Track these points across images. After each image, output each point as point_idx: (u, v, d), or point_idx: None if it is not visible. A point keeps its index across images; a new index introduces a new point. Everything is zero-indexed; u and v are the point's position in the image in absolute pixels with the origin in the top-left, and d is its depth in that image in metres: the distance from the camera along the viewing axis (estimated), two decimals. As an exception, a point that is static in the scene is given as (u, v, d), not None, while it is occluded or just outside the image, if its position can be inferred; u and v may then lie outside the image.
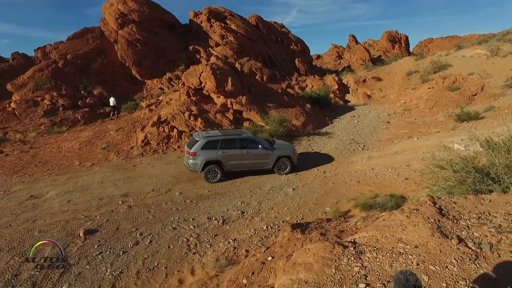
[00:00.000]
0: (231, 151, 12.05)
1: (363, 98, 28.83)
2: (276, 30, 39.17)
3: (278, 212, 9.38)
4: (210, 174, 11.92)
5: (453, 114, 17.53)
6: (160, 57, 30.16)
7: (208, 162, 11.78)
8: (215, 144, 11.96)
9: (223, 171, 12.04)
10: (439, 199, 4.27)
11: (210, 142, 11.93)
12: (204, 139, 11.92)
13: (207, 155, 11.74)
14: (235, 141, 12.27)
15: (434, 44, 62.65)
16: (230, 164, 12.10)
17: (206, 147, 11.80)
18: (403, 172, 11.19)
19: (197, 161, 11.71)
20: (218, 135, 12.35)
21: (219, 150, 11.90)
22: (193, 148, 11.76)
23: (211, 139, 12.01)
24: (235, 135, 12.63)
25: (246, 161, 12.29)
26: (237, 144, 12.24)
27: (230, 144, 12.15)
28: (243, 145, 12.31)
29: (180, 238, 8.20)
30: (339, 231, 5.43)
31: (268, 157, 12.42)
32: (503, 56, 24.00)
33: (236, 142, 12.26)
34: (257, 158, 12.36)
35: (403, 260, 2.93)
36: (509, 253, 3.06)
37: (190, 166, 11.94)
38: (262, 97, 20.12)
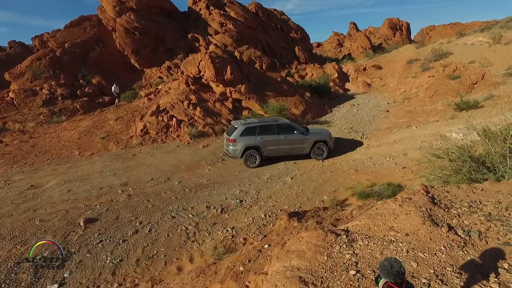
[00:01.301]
0: (269, 136, 12.42)
1: (363, 86, 28.67)
2: (275, 18, 38.71)
3: (276, 200, 9.48)
4: (250, 159, 12.34)
5: (453, 103, 17.45)
6: (159, 45, 29.90)
7: (247, 147, 12.19)
8: (254, 131, 12.34)
9: (262, 156, 12.41)
10: (432, 188, 4.33)
11: (249, 128, 12.34)
12: (243, 126, 12.36)
13: (246, 141, 12.15)
14: (272, 127, 12.64)
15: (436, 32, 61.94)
16: (269, 149, 12.48)
17: (245, 134, 12.22)
18: (401, 161, 11.25)
19: (237, 147, 12.15)
20: (255, 122, 12.80)
21: (257, 136, 12.30)
22: (233, 135, 12.20)
23: (249, 125, 12.44)
24: (272, 122, 13.04)
25: (284, 146, 12.63)
26: (274, 130, 12.60)
27: (267, 130, 12.54)
28: (280, 131, 12.64)
29: (179, 227, 8.32)
30: (335, 220, 5.51)
31: (304, 141, 12.70)
32: (505, 43, 23.74)
33: (274, 128, 12.63)
34: (294, 143, 12.68)
35: (394, 248, 3.00)
36: (496, 240, 3.13)
37: (230, 152, 12.37)
38: (261, 86, 20.04)
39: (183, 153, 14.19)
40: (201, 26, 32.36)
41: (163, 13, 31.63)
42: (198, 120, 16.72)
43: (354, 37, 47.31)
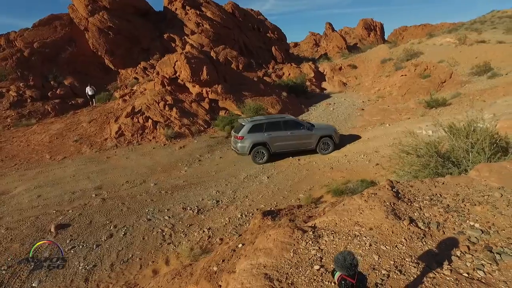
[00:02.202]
0: (276, 133, 12.64)
1: (339, 85, 29.22)
2: (252, 18, 38.79)
3: (252, 200, 9.54)
4: (258, 155, 12.55)
5: (423, 101, 18.10)
6: (134, 45, 29.33)
7: (255, 144, 12.42)
8: (261, 127, 12.56)
9: (269, 152, 12.63)
10: (397, 183, 4.50)
11: (256, 125, 12.54)
12: (250, 123, 12.57)
13: (254, 138, 12.40)
14: (279, 124, 12.87)
15: (408, 32, 63.97)
16: (276, 145, 12.72)
17: (252, 131, 12.43)
18: (374, 158, 11.56)
19: (245, 144, 12.35)
20: (262, 119, 13.08)
21: (264, 133, 12.53)
22: (241, 132, 12.41)
23: (256, 122, 12.66)
24: (279, 118, 13.39)
25: (291, 142, 12.85)
26: (281, 126, 12.81)
27: (274, 126, 12.75)
28: (287, 127, 12.85)
29: (155, 229, 8.23)
30: (308, 217, 5.61)
31: (311, 137, 12.96)
32: (469, 44, 24.88)
33: (280, 124, 12.85)
34: (301, 138, 12.90)
35: (358, 242, 3.11)
36: (452, 230, 3.31)
37: (238, 149, 12.58)
38: (238, 86, 20.05)
39: (159, 154, 14.01)
40: (177, 26, 31.97)
41: (138, 13, 31.03)
42: (174, 121, 16.55)
43: (330, 37, 48.11)
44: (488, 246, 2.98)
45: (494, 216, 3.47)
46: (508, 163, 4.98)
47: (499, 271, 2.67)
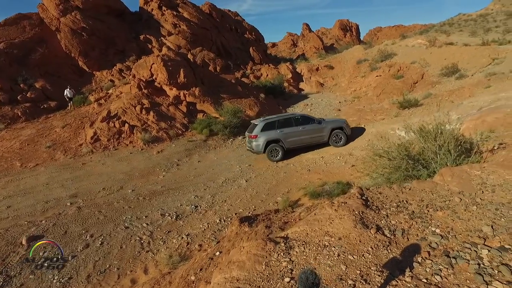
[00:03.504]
0: (288, 129, 13.05)
1: (316, 86, 29.70)
2: (230, 19, 38.76)
3: (231, 204, 9.60)
4: (273, 153, 12.90)
5: (397, 101, 18.68)
6: (109, 47, 28.69)
7: (269, 141, 12.80)
8: (273, 125, 12.99)
9: (283, 149, 12.97)
10: (367, 191, 4.69)
11: (268, 123, 12.99)
12: (262, 122, 13.03)
13: (267, 136, 12.78)
14: (290, 120, 13.28)
15: (383, 33, 65.78)
16: (289, 141, 13.06)
17: (265, 129, 12.83)
18: (350, 159, 11.87)
19: (259, 142, 12.75)
20: (274, 117, 13.53)
21: (277, 130, 12.93)
22: (254, 131, 12.85)
23: (268, 121, 13.13)
24: (289, 115, 13.85)
25: (304, 137, 13.25)
26: (292, 122, 13.22)
27: (286, 123, 13.16)
28: (298, 123, 13.26)
29: (133, 237, 8.16)
30: (283, 223, 5.76)
31: (322, 130, 13.41)
32: (439, 46, 25.88)
33: (292, 121, 13.25)
34: (313, 133, 13.32)
35: (327, 252, 3.25)
36: (416, 237, 3.51)
37: (253, 148, 12.98)
38: (216, 88, 20.04)
39: (137, 159, 13.83)
40: (153, 27, 31.52)
41: (113, 13, 30.40)
42: (151, 125, 16.36)
43: (307, 38, 48.74)
44: (446, 251, 3.19)
45: (453, 221, 3.70)
46: (468, 167, 5.28)
47: (454, 274, 2.87)
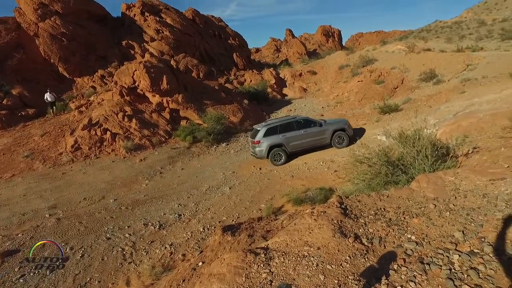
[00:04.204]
0: (290, 133, 13.19)
1: (300, 91, 30.04)
2: (213, 24, 38.83)
3: (214, 212, 9.58)
4: (276, 157, 13.06)
5: (378, 106, 19.11)
6: (90, 52, 28.27)
7: (272, 146, 12.94)
8: (275, 130, 13.11)
9: (287, 153, 13.14)
10: (346, 199, 4.79)
11: (270, 128, 13.10)
12: (264, 127, 13.13)
13: (270, 141, 12.93)
14: (292, 124, 13.38)
15: (364, 38, 67.15)
16: (292, 145, 13.23)
17: (267, 134, 12.98)
18: (333, 165, 12.03)
19: (262, 147, 12.90)
20: (276, 122, 13.55)
21: (279, 134, 13.06)
22: (257, 137, 12.99)
23: (270, 126, 13.21)
24: (291, 119, 13.80)
25: (306, 140, 13.40)
26: (294, 126, 13.35)
27: (288, 127, 13.28)
28: (300, 126, 13.39)
29: (115, 248, 8.03)
30: (266, 231, 5.80)
31: (324, 132, 13.58)
32: (417, 52, 26.68)
33: (293, 125, 13.38)
34: (315, 135, 13.49)
35: (306, 263, 3.31)
36: (392, 244, 3.61)
37: (257, 154, 13.12)
38: (199, 95, 20.01)
39: (119, 168, 13.63)
40: (136, 33, 31.26)
41: (94, 19, 29.99)
42: (134, 132, 16.16)
43: (290, 43, 49.31)
44: (420, 257, 3.30)
45: (428, 227, 3.83)
46: (443, 173, 5.46)
47: (428, 280, 2.98)
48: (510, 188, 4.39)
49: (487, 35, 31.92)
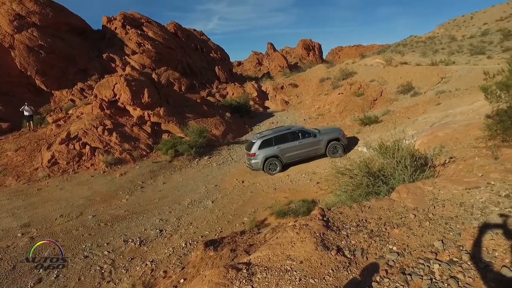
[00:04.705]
0: (285, 144, 13.29)
1: (282, 104, 30.37)
2: (195, 38, 39.03)
3: (197, 227, 9.40)
4: (271, 167, 13.18)
5: (358, 118, 19.51)
6: (70, 65, 27.72)
7: (267, 158, 13.07)
8: (270, 142, 13.23)
9: (282, 163, 13.26)
10: (328, 211, 4.80)
11: (265, 141, 13.20)
12: (259, 140, 13.23)
13: (265, 153, 13.04)
14: (286, 136, 13.48)
15: (344, 52, 69.06)
16: (287, 156, 13.34)
17: (262, 146, 13.09)
18: (315, 177, 12.11)
19: (258, 159, 13.01)
20: (270, 134, 13.61)
21: (274, 146, 13.19)
22: (252, 149, 13.07)
23: (265, 138, 13.30)
24: (285, 130, 13.86)
25: (301, 151, 13.49)
26: (289, 137, 13.45)
27: (283, 139, 13.37)
28: (295, 137, 13.49)
29: (93, 267, 7.72)
30: (249, 245, 5.73)
31: (319, 143, 13.64)
32: (395, 66, 27.61)
33: (288, 136, 13.48)
34: (310, 146, 13.55)
35: (288, 277, 3.26)
36: (374, 255, 3.62)
37: (252, 166, 13.24)
38: (181, 108, 19.89)
39: (98, 183, 13.25)
40: (117, 46, 30.99)
41: (74, 31, 29.58)
42: (114, 146, 15.83)
43: (272, 57, 50.05)
44: (402, 268, 3.32)
45: (409, 237, 3.87)
46: (422, 183, 5.58)
47: (410, 291, 3.00)
48: (484, 197, 4.54)
49: (458, 50, 33.48)
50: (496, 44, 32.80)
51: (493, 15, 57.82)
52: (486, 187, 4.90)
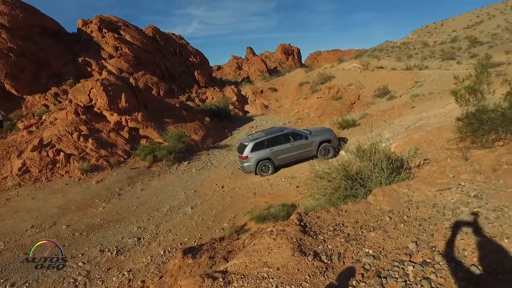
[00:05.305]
0: (277, 147, 13.27)
1: (261, 108, 30.47)
2: (174, 42, 38.66)
3: (176, 234, 9.23)
4: (263, 169, 13.19)
5: (337, 121, 19.79)
6: (43, 69, 26.77)
7: (260, 161, 13.06)
8: (263, 144, 13.17)
9: (274, 166, 13.30)
10: (305, 216, 4.82)
11: (258, 143, 13.15)
12: (251, 142, 13.13)
13: (257, 156, 13.02)
14: (279, 138, 13.45)
15: (322, 57, 70.18)
16: (279, 159, 13.36)
17: (255, 149, 13.03)
18: (294, 181, 12.16)
19: (251, 162, 13.00)
20: (262, 136, 13.53)
21: (267, 149, 13.15)
22: (244, 152, 12.99)
23: (257, 140, 13.22)
24: (278, 132, 13.81)
25: (293, 153, 13.47)
26: (281, 139, 13.43)
27: (275, 141, 13.34)
28: (287, 140, 13.49)
29: (66, 280, 7.41)
30: (227, 252, 5.67)
31: (311, 144, 13.62)
32: (371, 70, 28.30)
33: (280, 138, 13.45)
34: (302, 148, 13.54)
35: (265, 285, 3.24)
36: (351, 259, 3.65)
37: (245, 169, 13.21)
38: (160, 113, 19.59)
39: (73, 191, 12.82)
40: (93, 50, 30.22)
41: (47, 34, 28.64)
42: (90, 152, 15.37)
43: (251, 61, 50.23)
44: (378, 271, 3.37)
45: (384, 240, 3.94)
46: (397, 185, 5.70)
47: (385, 294, 3.04)
48: (455, 197, 4.69)
49: (430, 55, 34.75)
50: (465, 50, 34.29)
51: (461, 23, 60.89)
52: (457, 188, 5.07)
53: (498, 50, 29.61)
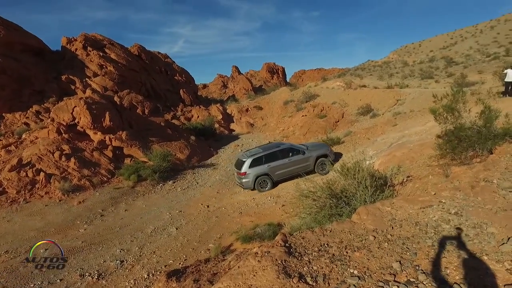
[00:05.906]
0: (275, 163, 13.34)
1: (247, 126, 30.60)
2: (160, 61, 38.81)
3: (160, 256, 9.01)
4: (262, 184, 13.27)
5: (322, 140, 20.03)
6: (24, 87, 26.29)
7: (258, 176, 13.11)
8: (260, 160, 13.22)
9: (272, 182, 13.35)
10: (290, 236, 4.80)
11: (256, 159, 13.18)
12: (249, 158, 13.20)
13: (256, 171, 13.08)
14: (276, 154, 13.51)
15: (306, 75, 71.67)
16: (277, 174, 13.41)
17: (253, 165, 13.06)
18: (280, 199, 12.13)
19: (249, 178, 13.05)
20: (260, 152, 13.55)
21: (265, 165, 13.20)
22: (243, 168, 13.01)
23: (255, 156, 13.27)
24: (275, 148, 13.85)
25: (290, 168, 13.47)
26: (279, 155, 13.48)
27: (273, 157, 13.40)
28: (284, 155, 13.53)
29: (43, 308, 7.08)
30: (213, 274, 5.55)
31: (308, 159, 13.70)
32: (354, 88, 29.02)
33: (278, 154, 13.51)
34: (299, 163, 13.55)
35: (251, 308, 3.19)
36: (336, 281, 3.64)
37: (243, 185, 13.28)
38: (144, 132, 19.41)
39: (53, 213, 12.40)
40: (77, 68, 29.97)
41: (29, 51, 28.34)
42: (72, 172, 14.99)
43: (237, 80, 50.81)
44: (363, 292, 3.36)
45: (369, 260, 3.95)
46: (381, 203, 5.77)
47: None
48: (437, 215, 4.78)
49: (410, 74, 36.05)
50: (442, 69, 35.76)
51: (437, 44, 63.86)
52: (438, 205, 5.17)
53: (472, 70, 31.01)
